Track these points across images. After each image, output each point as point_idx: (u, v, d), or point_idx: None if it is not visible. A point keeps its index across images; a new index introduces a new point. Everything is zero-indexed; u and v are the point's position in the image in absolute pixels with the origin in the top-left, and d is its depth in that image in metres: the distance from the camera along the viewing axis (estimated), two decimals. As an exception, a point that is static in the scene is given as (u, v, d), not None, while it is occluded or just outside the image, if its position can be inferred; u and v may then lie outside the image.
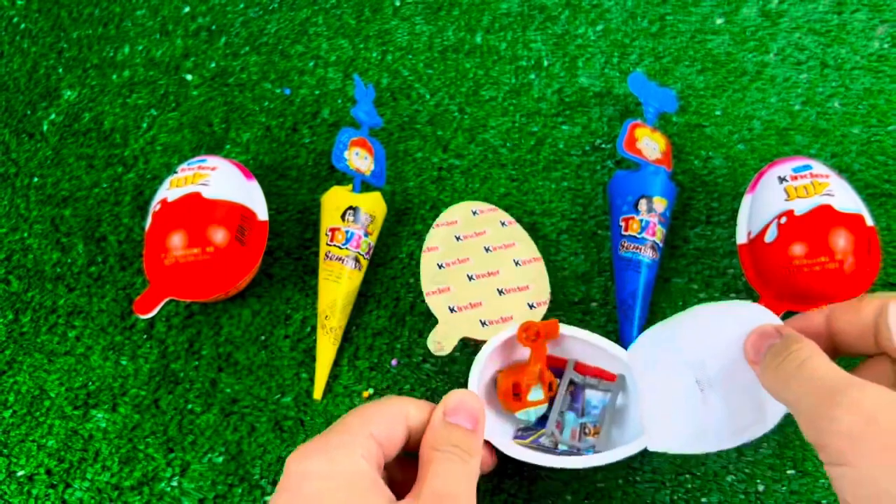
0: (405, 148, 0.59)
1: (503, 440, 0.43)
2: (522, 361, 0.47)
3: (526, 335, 0.45)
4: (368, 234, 0.52)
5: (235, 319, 0.53)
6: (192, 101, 0.63)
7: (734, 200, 0.55)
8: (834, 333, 0.34)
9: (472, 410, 0.34)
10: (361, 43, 0.65)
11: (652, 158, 0.53)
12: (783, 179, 0.49)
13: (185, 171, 0.52)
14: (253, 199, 0.53)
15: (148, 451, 0.49)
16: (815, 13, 0.63)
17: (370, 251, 0.53)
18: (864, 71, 0.59)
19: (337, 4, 0.67)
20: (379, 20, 0.66)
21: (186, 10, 0.67)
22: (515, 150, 0.59)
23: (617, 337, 0.51)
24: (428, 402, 0.38)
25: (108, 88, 0.64)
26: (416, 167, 0.58)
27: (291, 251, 0.56)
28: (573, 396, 0.47)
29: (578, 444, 0.45)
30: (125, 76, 0.64)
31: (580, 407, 0.47)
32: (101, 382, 0.52)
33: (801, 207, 0.47)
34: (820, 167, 0.49)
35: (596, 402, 0.47)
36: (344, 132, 0.54)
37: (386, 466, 0.35)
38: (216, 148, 0.60)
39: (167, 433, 0.50)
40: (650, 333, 0.43)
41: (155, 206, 0.51)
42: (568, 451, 0.45)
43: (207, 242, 0.49)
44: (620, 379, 0.47)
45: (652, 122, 0.55)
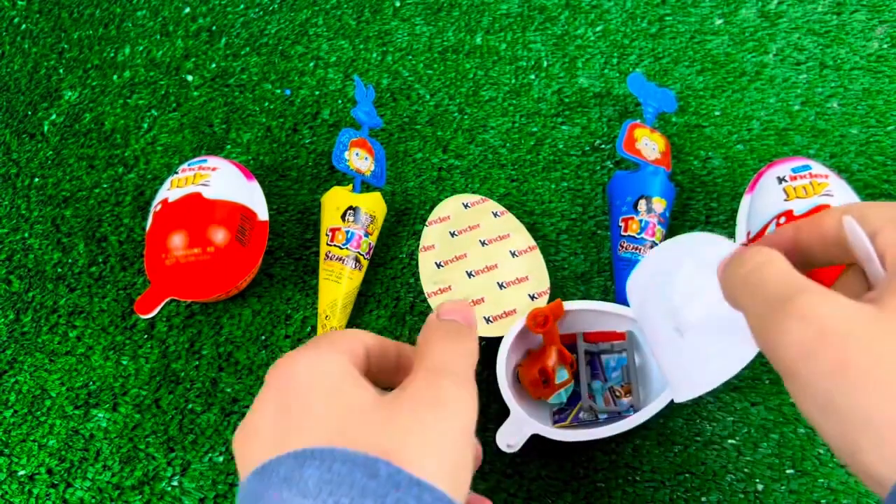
0: (405, 148, 0.59)
1: (545, 428, 0.44)
2: (535, 349, 0.48)
3: (535, 322, 0.46)
4: (368, 234, 0.53)
5: (236, 319, 0.53)
6: (192, 101, 0.63)
7: (733, 201, 0.55)
8: (801, 247, 0.32)
9: (464, 311, 0.32)
10: (361, 44, 0.65)
11: (651, 159, 0.53)
12: (782, 180, 0.49)
13: (185, 171, 0.52)
14: (253, 199, 0.53)
15: (149, 450, 0.49)
16: (814, 14, 0.63)
17: (370, 251, 0.53)
18: (862, 71, 0.60)
19: (337, 5, 0.67)
20: (379, 21, 0.66)
21: (187, 10, 0.67)
22: (515, 150, 0.59)
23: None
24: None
25: (108, 89, 0.64)
26: (416, 167, 0.59)
27: (292, 251, 0.56)
28: (592, 366, 0.48)
29: (615, 407, 0.46)
30: (126, 77, 0.65)
31: (600, 373, 0.48)
32: (101, 382, 0.52)
33: (800, 207, 0.47)
34: (819, 167, 0.49)
35: (613, 363, 0.48)
36: (344, 133, 0.54)
37: None
38: (217, 148, 0.60)
39: (168, 433, 0.50)
40: (637, 277, 0.43)
41: (156, 206, 0.51)
42: (609, 417, 0.46)
43: (208, 242, 0.49)
44: (630, 336, 0.48)
45: (651, 122, 0.55)
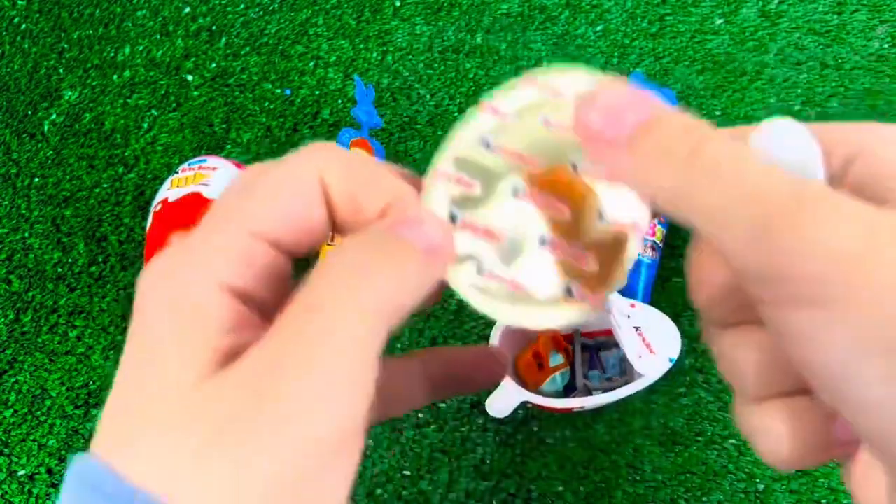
0: (405, 148, 0.59)
1: (535, 396, 0.44)
2: (529, 336, 0.48)
3: None
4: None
5: (236, 319, 0.53)
6: (192, 101, 0.63)
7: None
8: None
9: (435, 226, 0.20)
10: (361, 43, 0.65)
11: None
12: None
13: (185, 171, 0.52)
14: (253, 199, 0.53)
15: (149, 450, 0.49)
16: (814, 13, 0.63)
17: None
18: (863, 71, 0.59)
19: (337, 5, 0.67)
20: (379, 21, 0.66)
21: (187, 10, 0.67)
22: (515, 150, 0.59)
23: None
24: (369, 158, 0.22)
25: (108, 89, 0.64)
26: (416, 168, 0.58)
27: (292, 251, 0.56)
28: (591, 362, 0.49)
29: (612, 384, 0.47)
30: (126, 76, 0.64)
31: (598, 365, 0.49)
32: (102, 382, 0.52)
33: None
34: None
35: (613, 360, 0.49)
36: (344, 132, 0.54)
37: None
38: (217, 148, 0.60)
39: (168, 433, 0.50)
40: None
41: (156, 206, 0.51)
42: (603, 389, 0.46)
43: (208, 242, 0.49)
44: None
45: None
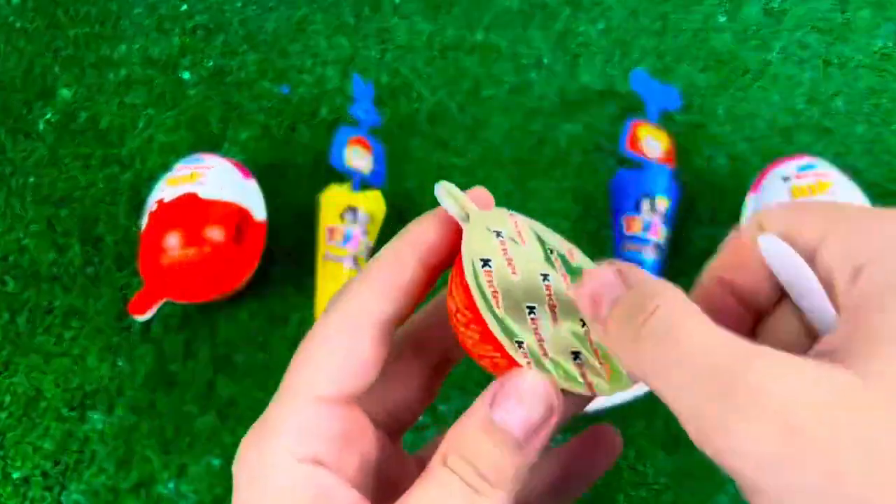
0: (405, 147, 0.59)
1: None
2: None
3: None
4: (367, 234, 0.52)
5: (233, 321, 0.53)
6: (189, 99, 0.62)
7: (738, 199, 0.54)
8: (738, 295, 0.23)
9: (541, 398, 0.19)
10: (360, 41, 0.64)
11: (654, 157, 0.52)
12: (787, 178, 0.49)
13: (181, 170, 0.52)
14: (251, 198, 0.52)
15: (145, 453, 0.49)
16: (818, 11, 0.62)
17: (369, 251, 0.53)
18: (867, 69, 0.59)
19: (336, 2, 0.66)
20: (378, 18, 0.65)
21: (184, 8, 0.67)
22: (516, 149, 0.58)
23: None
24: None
25: (104, 87, 0.63)
26: (415, 166, 0.58)
27: (289, 251, 0.55)
28: None
29: None
30: (122, 75, 0.64)
31: None
32: (97, 384, 0.51)
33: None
34: (824, 166, 0.49)
35: None
36: (343, 131, 0.53)
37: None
38: (214, 147, 0.60)
39: (164, 435, 0.49)
40: None
41: (151, 205, 0.51)
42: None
43: (204, 242, 0.48)
44: None
45: (654, 120, 0.54)
